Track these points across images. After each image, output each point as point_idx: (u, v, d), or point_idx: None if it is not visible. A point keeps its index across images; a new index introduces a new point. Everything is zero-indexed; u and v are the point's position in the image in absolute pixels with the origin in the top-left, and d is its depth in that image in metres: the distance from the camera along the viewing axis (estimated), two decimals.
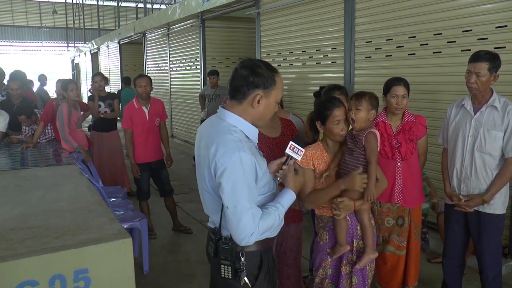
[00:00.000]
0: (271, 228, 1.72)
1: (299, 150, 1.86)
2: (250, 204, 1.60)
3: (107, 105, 5.81)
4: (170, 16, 9.47)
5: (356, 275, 2.34)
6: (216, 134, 1.66)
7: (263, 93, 1.68)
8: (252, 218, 1.60)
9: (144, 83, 4.37)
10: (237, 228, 1.60)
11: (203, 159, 1.71)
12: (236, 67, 1.72)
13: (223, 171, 1.58)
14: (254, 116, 1.72)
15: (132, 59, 14.80)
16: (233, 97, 1.71)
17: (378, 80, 4.41)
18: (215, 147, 1.61)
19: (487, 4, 3.74)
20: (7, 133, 5.02)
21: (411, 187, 2.76)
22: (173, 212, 4.74)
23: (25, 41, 32.86)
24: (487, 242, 2.70)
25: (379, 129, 2.80)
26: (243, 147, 1.61)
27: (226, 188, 1.58)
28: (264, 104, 1.70)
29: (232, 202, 1.59)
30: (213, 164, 1.61)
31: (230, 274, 1.73)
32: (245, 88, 1.67)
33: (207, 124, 1.80)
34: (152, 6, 21.04)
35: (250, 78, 1.66)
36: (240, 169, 1.58)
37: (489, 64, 2.53)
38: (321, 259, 2.41)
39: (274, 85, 1.70)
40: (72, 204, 2.58)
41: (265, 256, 1.81)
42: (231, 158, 1.57)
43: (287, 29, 6.17)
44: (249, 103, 1.69)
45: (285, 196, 1.79)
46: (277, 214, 1.71)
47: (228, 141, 1.61)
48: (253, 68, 1.67)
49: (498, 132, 2.58)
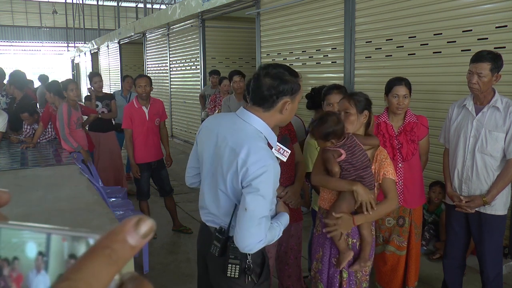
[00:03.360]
0: (271, 241, 1.73)
1: (285, 151, 1.87)
2: (267, 213, 1.63)
3: (104, 105, 5.80)
4: (170, 16, 9.46)
5: (347, 270, 2.33)
6: (245, 139, 1.65)
7: (291, 99, 1.69)
8: (264, 227, 1.62)
9: (144, 83, 4.37)
10: (247, 232, 1.60)
11: (227, 163, 1.68)
12: (258, 74, 1.71)
13: (255, 178, 1.59)
14: (278, 120, 1.74)
15: (132, 59, 14.78)
16: (260, 105, 1.70)
17: (378, 80, 4.41)
18: (246, 153, 1.60)
19: (487, 4, 3.74)
20: (7, 133, 5.02)
21: (412, 188, 2.76)
22: (173, 212, 4.73)
23: (25, 41, 32.84)
24: (488, 243, 2.70)
25: (381, 129, 2.81)
26: (274, 157, 1.64)
27: (252, 193, 1.59)
28: (290, 108, 1.72)
29: (252, 206, 1.59)
30: (243, 169, 1.60)
31: (238, 272, 1.74)
32: (274, 97, 1.67)
33: (227, 123, 1.77)
34: (152, 6, 21.04)
35: (279, 87, 1.66)
36: (271, 177, 1.60)
37: (491, 64, 2.52)
38: (315, 251, 2.39)
39: (299, 90, 1.72)
40: (72, 204, 2.57)
41: (265, 254, 1.85)
42: (264, 166, 1.58)
43: (287, 29, 6.16)
44: (277, 111, 1.70)
45: (283, 217, 1.80)
46: (279, 229, 1.73)
47: (260, 148, 1.62)
48: (281, 76, 1.67)
49: (500, 133, 2.57)
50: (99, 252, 0.30)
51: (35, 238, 0.33)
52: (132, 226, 0.31)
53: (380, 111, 2.95)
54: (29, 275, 0.33)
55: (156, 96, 9.01)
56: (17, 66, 8.44)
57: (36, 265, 0.33)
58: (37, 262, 0.33)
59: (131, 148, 4.37)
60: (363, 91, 2.58)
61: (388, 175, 2.20)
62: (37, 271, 0.32)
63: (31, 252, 0.33)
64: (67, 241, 0.32)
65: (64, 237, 0.32)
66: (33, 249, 0.33)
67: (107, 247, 0.30)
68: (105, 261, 0.30)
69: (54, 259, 0.32)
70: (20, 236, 0.33)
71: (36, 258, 0.33)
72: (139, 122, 4.37)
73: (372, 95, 4.47)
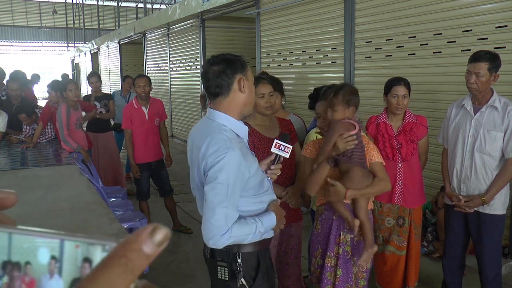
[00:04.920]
0: (243, 240, 1.68)
1: (286, 147, 1.84)
2: (226, 203, 1.59)
3: (102, 105, 5.80)
4: (170, 16, 9.46)
5: (341, 268, 2.35)
6: (206, 134, 1.67)
7: (243, 75, 1.71)
8: (225, 218, 1.58)
9: (143, 83, 4.37)
10: (208, 224, 1.59)
11: (194, 160, 1.71)
12: (205, 69, 1.73)
13: (211, 168, 1.59)
14: (242, 103, 1.72)
15: (132, 59, 14.77)
16: (218, 94, 1.71)
17: (378, 80, 4.41)
18: (206, 146, 1.62)
19: (487, 4, 3.74)
20: (7, 132, 5.02)
21: (411, 188, 2.77)
22: (173, 212, 4.73)
23: (25, 41, 32.82)
24: (487, 243, 2.70)
25: (380, 129, 2.81)
26: (233, 146, 1.61)
27: (210, 184, 1.59)
28: (248, 86, 1.72)
29: (211, 197, 1.59)
30: (203, 163, 1.62)
31: (227, 275, 1.73)
32: (227, 78, 1.68)
33: (197, 127, 1.81)
34: (152, 6, 21.03)
35: (227, 68, 1.68)
36: (227, 168, 1.58)
37: (489, 64, 2.53)
38: (313, 248, 2.44)
39: (246, 65, 1.74)
40: (72, 204, 2.58)
41: (262, 257, 1.80)
42: (220, 156, 1.58)
43: (287, 29, 6.16)
44: (236, 91, 1.70)
45: (267, 217, 1.74)
46: (255, 226, 1.67)
47: (218, 140, 1.62)
48: (224, 59, 1.70)
49: (498, 132, 2.57)
50: (115, 261, 0.30)
51: (47, 244, 0.33)
52: (147, 235, 0.32)
53: (380, 111, 2.95)
54: (42, 279, 0.33)
55: (156, 96, 9.01)
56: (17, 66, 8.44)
57: (49, 270, 0.33)
58: (50, 267, 0.33)
59: (131, 148, 4.37)
60: (363, 91, 2.58)
61: (374, 159, 2.28)
62: (50, 275, 0.33)
63: (43, 257, 0.33)
64: (80, 247, 0.32)
65: (77, 244, 0.32)
66: (45, 254, 0.33)
67: (123, 256, 0.31)
68: (121, 270, 0.30)
69: (67, 263, 0.32)
70: (32, 242, 0.33)
71: (49, 263, 0.33)
72: (138, 122, 4.38)
73: (372, 95, 4.51)
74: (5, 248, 0.33)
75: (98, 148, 5.77)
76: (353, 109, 2.25)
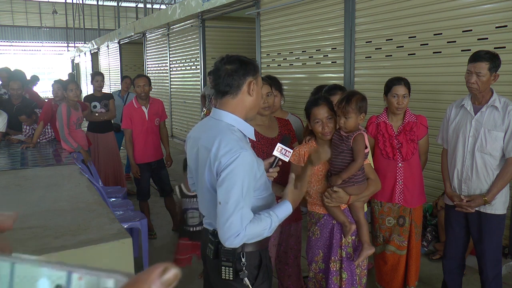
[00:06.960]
0: (260, 236, 1.67)
1: (287, 151, 1.85)
2: (242, 204, 1.58)
3: (102, 105, 5.79)
4: (170, 16, 9.46)
5: (346, 271, 2.35)
6: (216, 134, 1.65)
7: (254, 79, 1.70)
8: (241, 219, 1.57)
9: (143, 82, 4.37)
10: (223, 226, 1.58)
11: (202, 161, 1.69)
12: (217, 66, 1.72)
13: (225, 169, 1.58)
14: (248, 106, 1.72)
15: (132, 59, 14.77)
16: (227, 93, 1.71)
17: (378, 80, 4.41)
18: (217, 147, 1.60)
19: (487, 4, 3.74)
20: (7, 132, 5.02)
21: (412, 188, 2.77)
22: (173, 212, 4.73)
23: (25, 41, 32.82)
24: (487, 243, 2.70)
25: (380, 129, 2.81)
26: (245, 146, 1.61)
27: (224, 185, 1.58)
28: (256, 90, 1.72)
29: (225, 199, 1.58)
30: (216, 163, 1.60)
31: (232, 275, 1.73)
32: (238, 79, 1.68)
33: (201, 127, 1.79)
34: (152, 6, 21.03)
35: (240, 69, 1.68)
36: (241, 168, 1.57)
37: (489, 63, 2.53)
38: (313, 253, 2.44)
39: (258, 70, 1.74)
40: (72, 204, 2.57)
41: (263, 256, 1.81)
42: (233, 156, 1.57)
43: (287, 29, 6.16)
44: (244, 93, 1.70)
45: (282, 207, 1.73)
46: (270, 221, 1.65)
47: (230, 140, 1.61)
48: (239, 60, 1.70)
49: (499, 132, 2.57)
50: None
51: (51, 275, 0.33)
52: (157, 275, 0.32)
53: (380, 111, 2.95)
54: None
55: (156, 96, 9.02)
56: (17, 66, 8.40)
57: None
58: None
59: (131, 148, 4.37)
60: (363, 91, 2.58)
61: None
62: None
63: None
64: (84, 280, 0.33)
65: (80, 276, 0.33)
66: (45, 285, 0.33)
67: None
68: None
69: None
70: (37, 272, 0.33)
71: None
72: (138, 122, 4.37)
73: (372, 95, 4.51)
74: (7, 277, 0.33)
75: (98, 148, 5.76)
76: (363, 116, 2.28)
